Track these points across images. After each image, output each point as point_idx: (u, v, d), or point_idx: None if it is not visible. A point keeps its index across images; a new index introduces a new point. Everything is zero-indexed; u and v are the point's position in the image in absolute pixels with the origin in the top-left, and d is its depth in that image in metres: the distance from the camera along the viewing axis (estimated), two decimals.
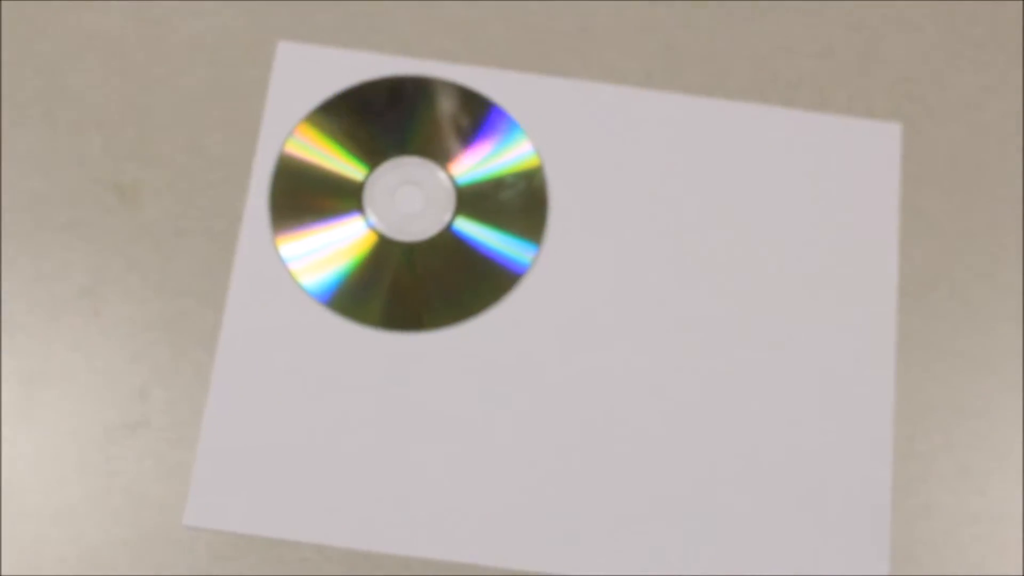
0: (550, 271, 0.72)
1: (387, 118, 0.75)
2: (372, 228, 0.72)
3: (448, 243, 0.73)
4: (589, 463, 0.69)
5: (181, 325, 0.71)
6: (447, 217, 0.73)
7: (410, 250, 0.72)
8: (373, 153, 0.74)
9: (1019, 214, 0.74)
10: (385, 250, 0.72)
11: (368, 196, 0.73)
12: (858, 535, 0.68)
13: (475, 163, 0.74)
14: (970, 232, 0.74)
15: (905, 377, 0.71)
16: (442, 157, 0.74)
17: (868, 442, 0.70)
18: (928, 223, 0.74)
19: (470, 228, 0.73)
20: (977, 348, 0.72)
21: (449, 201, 0.73)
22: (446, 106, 0.75)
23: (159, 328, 0.71)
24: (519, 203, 0.73)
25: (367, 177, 0.73)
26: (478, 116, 0.75)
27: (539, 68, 0.76)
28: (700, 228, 0.73)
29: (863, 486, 0.69)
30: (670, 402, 0.70)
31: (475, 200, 0.73)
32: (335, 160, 0.73)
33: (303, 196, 0.73)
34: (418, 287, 0.72)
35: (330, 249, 0.72)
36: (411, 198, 0.73)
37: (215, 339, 0.70)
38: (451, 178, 0.74)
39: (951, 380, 0.72)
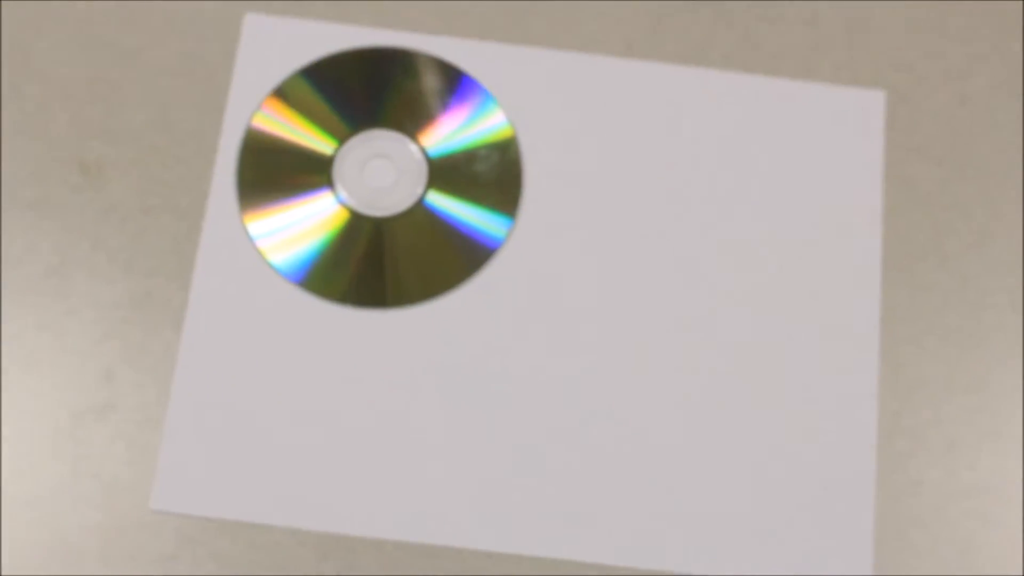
0: (525, 245, 0.70)
1: (356, 90, 0.73)
2: (342, 204, 0.71)
3: (420, 218, 0.71)
4: (565, 443, 0.67)
5: (149, 305, 0.69)
6: (419, 191, 0.71)
7: (381, 225, 0.71)
8: (342, 127, 0.72)
9: (1009, 184, 0.73)
10: (356, 226, 0.71)
11: (338, 171, 0.71)
12: (841, 532, 0.67)
13: (447, 135, 0.72)
14: (959, 203, 0.72)
15: (892, 351, 0.69)
16: (413, 129, 0.72)
17: (852, 429, 0.68)
18: (915, 194, 0.72)
19: (443, 202, 0.71)
20: (966, 321, 0.70)
21: (421, 174, 0.72)
22: (417, 77, 0.73)
23: (126, 308, 0.69)
24: (493, 176, 0.72)
25: (336, 151, 0.72)
26: (450, 87, 0.73)
27: (514, 38, 0.74)
28: (680, 199, 0.71)
29: (846, 478, 0.67)
30: (649, 378, 0.68)
31: (448, 173, 0.72)
32: (303, 134, 0.72)
33: (271, 172, 0.71)
34: (390, 263, 0.70)
35: (299, 226, 0.70)
36: (382, 172, 0.71)
37: (182, 319, 0.69)
38: (423, 151, 0.72)
39: (940, 354, 0.70)
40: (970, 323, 0.70)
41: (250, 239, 0.70)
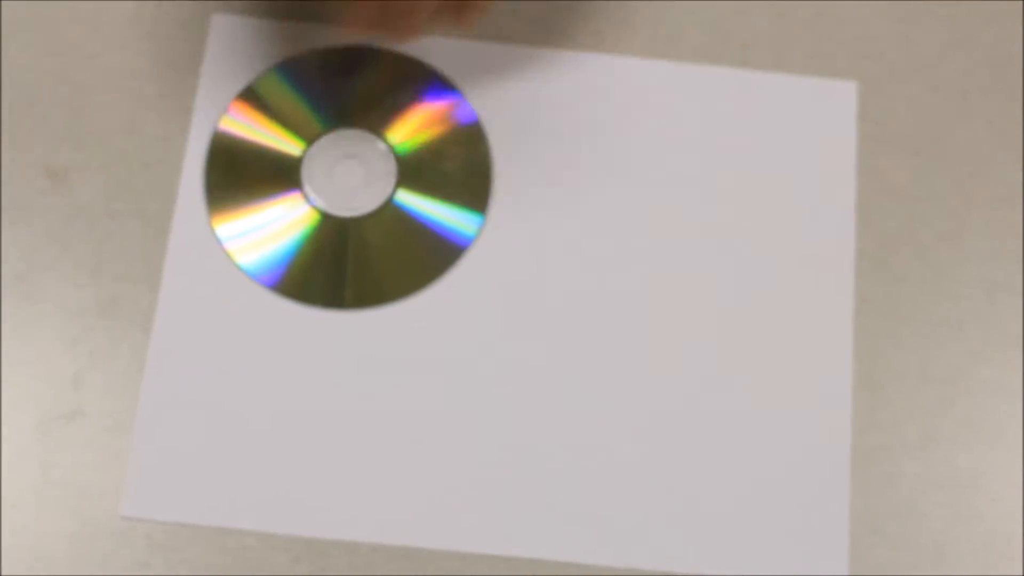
0: (496, 241, 0.70)
1: (324, 90, 0.72)
2: (312, 205, 0.70)
3: (391, 217, 0.70)
4: (540, 443, 0.67)
5: (117, 309, 0.68)
6: (388, 190, 0.71)
7: (351, 226, 0.70)
8: (310, 127, 0.71)
9: (983, 173, 0.72)
10: (326, 227, 0.70)
11: (306, 172, 0.71)
12: (817, 532, 0.66)
13: (416, 132, 0.72)
14: (933, 193, 0.72)
15: (866, 344, 0.69)
16: (381, 128, 0.72)
17: (826, 426, 0.67)
18: (888, 184, 0.72)
19: (412, 200, 0.71)
20: (941, 312, 0.70)
21: (390, 173, 0.71)
22: (384, 75, 0.73)
23: (94, 313, 0.68)
24: (462, 172, 0.71)
25: (305, 152, 0.71)
26: (418, 84, 0.73)
27: (481, 34, 0.74)
28: (651, 192, 0.71)
29: (822, 477, 0.67)
30: (623, 375, 0.68)
31: (417, 171, 0.71)
32: (271, 136, 0.71)
33: (239, 174, 0.70)
34: (360, 264, 0.69)
35: (268, 228, 0.70)
36: (351, 172, 0.71)
37: (151, 323, 0.68)
38: (391, 149, 0.71)
39: (914, 346, 0.69)
40: (945, 314, 0.70)
41: (219, 242, 0.69)
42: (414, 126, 0.72)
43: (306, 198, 0.70)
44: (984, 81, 0.74)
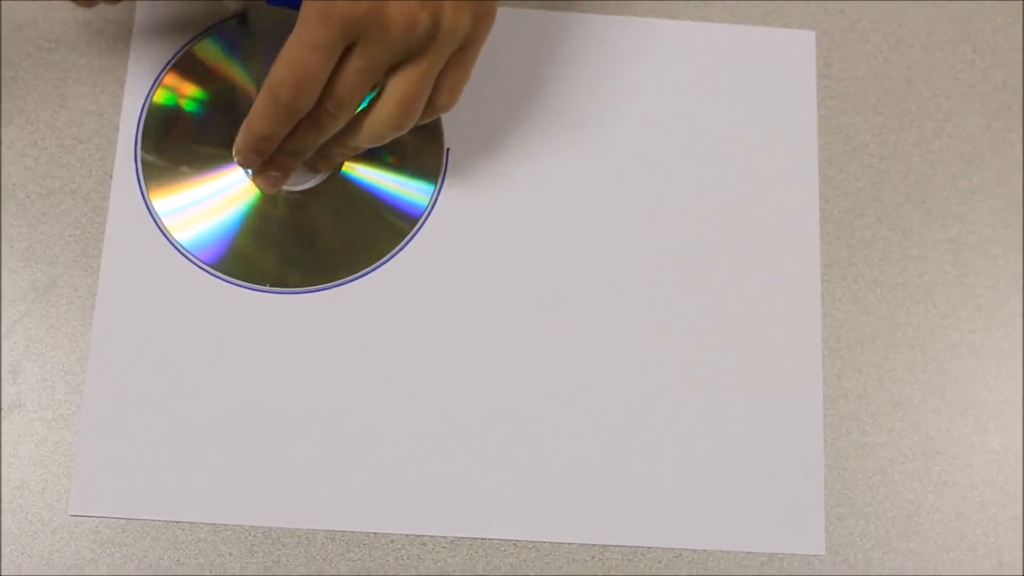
0: (450, 211, 0.67)
1: (264, 53, 0.69)
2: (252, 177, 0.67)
3: (337, 189, 0.67)
4: (506, 422, 0.64)
5: (53, 295, 0.65)
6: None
7: (296, 200, 0.67)
8: (252, 95, 0.68)
9: (946, 131, 0.70)
10: (268, 201, 0.67)
11: None
12: (793, 509, 0.65)
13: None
14: (896, 152, 0.70)
15: (832, 310, 0.67)
16: None
17: (799, 400, 0.66)
18: (851, 144, 0.70)
19: (361, 171, 0.68)
20: (907, 275, 0.68)
21: None
22: None
23: (29, 300, 0.65)
24: (412, 139, 0.68)
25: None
26: None
27: None
28: (608, 150, 0.68)
29: (796, 454, 0.65)
30: (587, 346, 0.66)
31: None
32: (209, 106, 0.68)
33: (176, 147, 0.67)
34: (307, 240, 0.67)
35: (208, 203, 0.67)
36: None
37: (91, 308, 0.65)
38: None
39: (880, 311, 0.68)
40: (911, 278, 0.68)
41: (157, 219, 0.66)
42: None
43: (247, 171, 0.67)
44: (946, 35, 0.72)
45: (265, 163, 0.63)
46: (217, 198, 0.67)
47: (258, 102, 0.59)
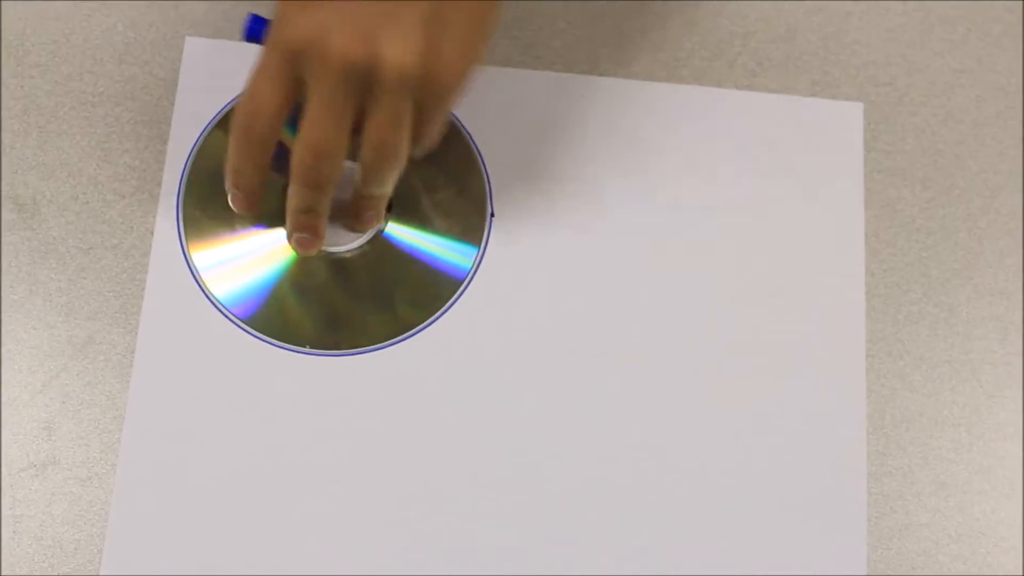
0: (493, 274, 0.66)
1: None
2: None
3: (379, 252, 0.67)
4: (545, 485, 0.64)
5: (91, 351, 0.65)
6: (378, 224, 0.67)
7: (337, 261, 0.66)
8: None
9: (995, 206, 0.69)
10: (309, 261, 0.66)
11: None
12: (835, 544, 0.63)
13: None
14: (943, 227, 0.69)
15: (877, 387, 0.66)
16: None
17: (841, 453, 0.65)
18: (898, 218, 0.69)
19: (403, 233, 0.67)
20: (953, 352, 0.67)
21: None
22: None
23: (67, 355, 0.65)
24: (456, 202, 0.67)
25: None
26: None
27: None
28: (653, 215, 0.68)
29: (837, 495, 0.64)
30: (636, 404, 0.65)
31: (407, 202, 0.67)
32: None
33: (217, 206, 0.66)
34: (347, 302, 0.66)
35: (247, 259, 0.66)
36: (336, 203, 0.67)
37: (128, 366, 0.64)
38: None
39: (925, 388, 0.67)
40: (958, 355, 0.67)
41: (195, 272, 0.65)
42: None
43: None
44: (995, 110, 0.71)
45: (291, 225, 0.63)
46: (256, 254, 0.66)
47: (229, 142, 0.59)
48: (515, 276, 0.66)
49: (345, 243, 0.66)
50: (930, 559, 0.64)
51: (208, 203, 0.66)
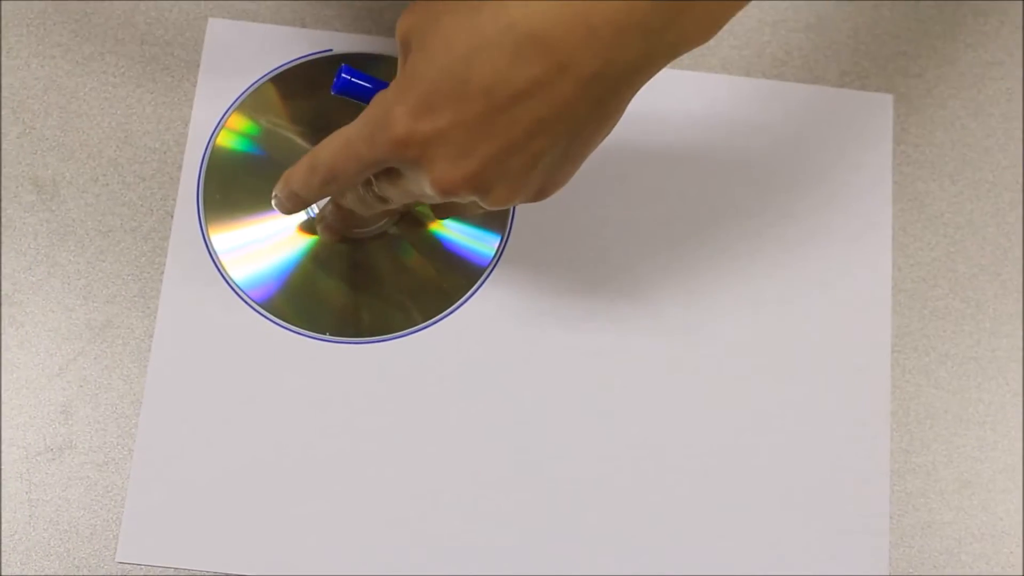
0: (516, 262, 0.66)
1: (327, 99, 0.67)
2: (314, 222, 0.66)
3: (401, 236, 0.66)
4: (564, 475, 0.63)
5: (109, 334, 0.64)
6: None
7: (357, 247, 0.66)
8: (312, 138, 0.67)
9: (1022, 203, 0.69)
10: (330, 248, 0.66)
11: None
12: (857, 544, 0.63)
13: None
14: (971, 222, 0.68)
15: (902, 383, 0.65)
16: None
17: (864, 450, 0.64)
18: (926, 212, 0.68)
19: (426, 218, 0.66)
20: (979, 349, 0.66)
21: None
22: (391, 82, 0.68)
23: (85, 339, 0.64)
24: None
25: None
26: None
27: None
28: (678, 204, 0.67)
29: (860, 493, 0.64)
30: (656, 396, 0.64)
31: None
32: (270, 148, 0.66)
33: (236, 187, 0.66)
34: (367, 288, 0.65)
35: (267, 243, 0.65)
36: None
37: (146, 350, 0.64)
38: None
39: (951, 385, 0.66)
40: (984, 352, 0.66)
41: (215, 255, 0.65)
42: None
43: (307, 213, 0.66)
44: None
45: (319, 215, 0.63)
46: (276, 238, 0.65)
47: (300, 162, 0.57)
48: (537, 264, 0.66)
49: (366, 226, 0.66)
50: (953, 558, 0.63)
51: (229, 186, 0.66)
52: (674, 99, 0.69)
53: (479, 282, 0.65)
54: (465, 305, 0.65)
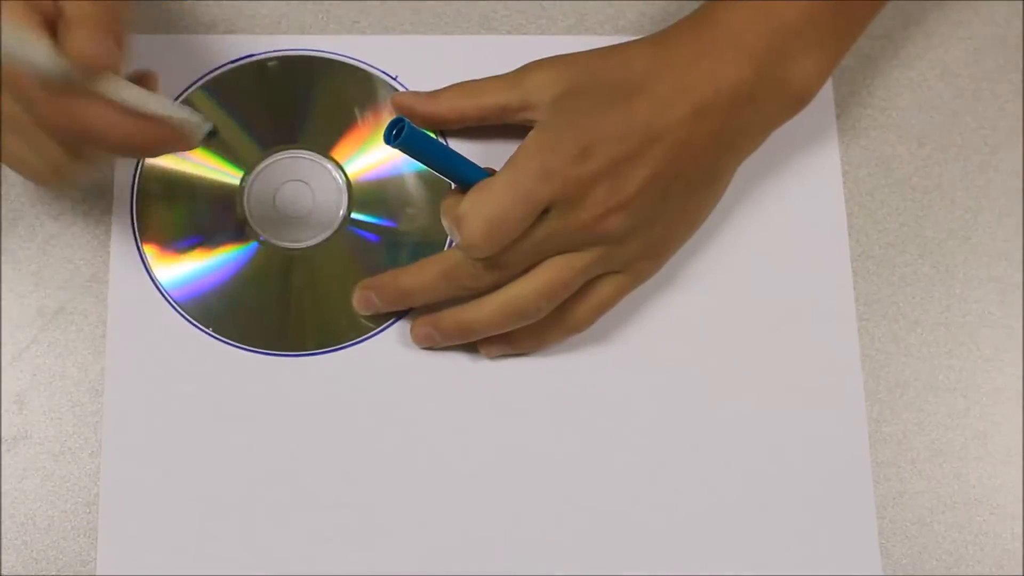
0: None
1: (260, 107, 0.65)
2: (255, 238, 0.64)
3: (344, 246, 0.64)
4: (530, 480, 0.62)
5: (62, 321, 0.63)
6: (340, 215, 0.64)
7: (299, 258, 0.64)
8: (247, 150, 0.65)
9: (994, 165, 0.67)
10: (269, 260, 0.64)
11: (248, 200, 0.64)
12: (845, 536, 0.62)
13: (368, 148, 0.65)
14: (940, 185, 0.67)
15: (871, 351, 0.64)
16: (329, 146, 0.65)
17: (841, 435, 0.63)
18: (894, 176, 0.67)
19: (367, 223, 0.64)
20: (950, 315, 0.65)
21: (341, 197, 0.64)
22: (327, 85, 0.66)
23: (37, 326, 0.63)
24: (424, 191, 0.65)
25: (244, 179, 0.64)
26: (367, 93, 0.66)
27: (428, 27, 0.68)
28: None
29: (843, 483, 0.63)
30: (632, 392, 0.63)
31: (371, 193, 0.64)
32: (205, 164, 0.64)
33: (173, 210, 0.64)
34: (313, 301, 0.63)
35: (207, 264, 0.63)
36: (297, 198, 0.64)
37: (100, 336, 0.62)
38: (342, 169, 0.65)
39: (921, 352, 0.65)
40: (954, 318, 0.65)
41: (159, 286, 0.63)
42: (365, 141, 0.65)
43: (247, 229, 0.64)
44: (994, 64, 0.69)
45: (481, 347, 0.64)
46: (215, 260, 0.63)
47: (430, 263, 0.60)
48: None
49: (307, 238, 0.64)
50: (925, 527, 0.63)
51: (162, 208, 0.64)
52: None
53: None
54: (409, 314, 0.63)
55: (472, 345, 0.63)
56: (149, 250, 0.63)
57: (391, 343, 0.63)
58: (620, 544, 0.62)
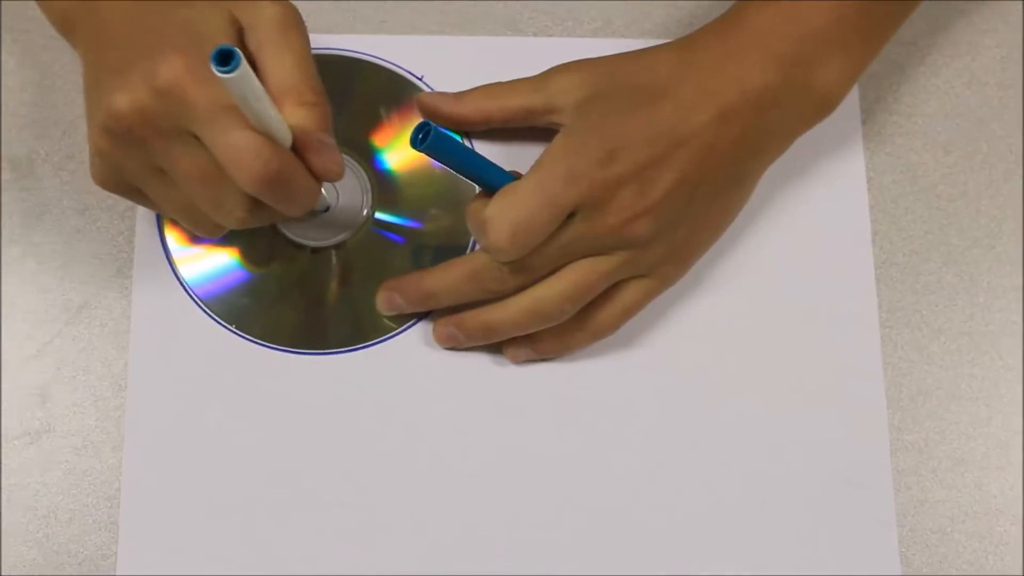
0: None
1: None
2: (278, 232, 0.64)
3: (368, 245, 0.64)
4: (547, 482, 0.62)
5: (87, 316, 0.63)
6: (364, 213, 0.64)
7: (322, 257, 0.64)
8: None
9: (1020, 176, 0.67)
10: (293, 259, 0.64)
11: None
12: (865, 543, 0.62)
13: (395, 145, 0.65)
14: (966, 193, 0.67)
15: (893, 357, 0.64)
16: (355, 143, 0.65)
17: (863, 442, 0.63)
18: (919, 184, 0.67)
19: (393, 223, 0.64)
20: (973, 323, 0.65)
21: (366, 194, 0.64)
22: (356, 83, 0.66)
23: (62, 320, 0.63)
24: (449, 189, 0.65)
25: None
26: (394, 90, 0.66)
27: (475, 30, 0.68)
28: None
29: (864, 490, 0.62)
30: (650, 395, 0.63)
31: (397, 190, 0.65)
32: None
33: None
34: (335, 300, 0.63)
35: (229, 263, 0.63)
36: (321, 196, 0.64)
37: (124, 331, 0.63)
38: (367, 167, 0.65)
39: (943, 360, 0.65)
40: (977, 326, 0.65)
41: (184, 285, 0.63)
42: (390, 141, 0.65)
43: (272, 227, 0.64)
44: (1021, 72, 0.68)
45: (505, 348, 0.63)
46: (237, 257, 0.64)
47: (455, 265, 0.60)
48: None
49: (330, 237, 0.64)
50: (946, 536, 0.62)
51: None
52: None
53: None
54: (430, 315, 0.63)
55: (493, 348, 0.63)
56: (173, 247, 0.63)
57: (413, 343, 0.63)
58: (638, 547, 0.62)
